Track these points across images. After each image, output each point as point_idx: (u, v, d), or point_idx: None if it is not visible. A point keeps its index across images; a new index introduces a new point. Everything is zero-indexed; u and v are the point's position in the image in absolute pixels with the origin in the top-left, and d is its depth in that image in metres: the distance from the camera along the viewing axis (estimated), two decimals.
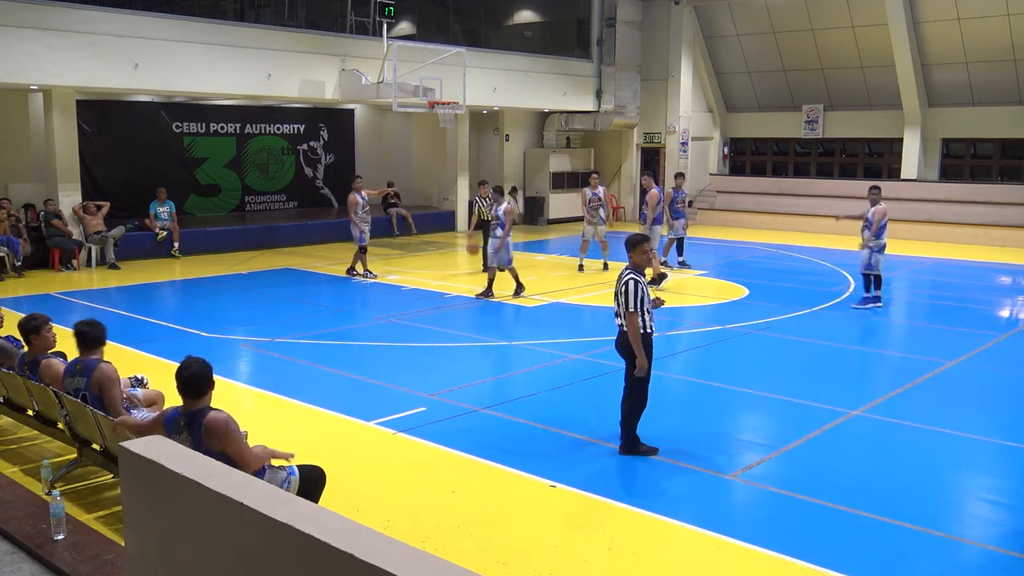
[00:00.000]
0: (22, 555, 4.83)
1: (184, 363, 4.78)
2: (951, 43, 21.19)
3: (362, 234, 14.67)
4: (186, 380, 4.71)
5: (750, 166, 26.55)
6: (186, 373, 4.72)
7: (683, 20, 24.02)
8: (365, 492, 6.09)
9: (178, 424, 4.71)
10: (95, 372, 5.77)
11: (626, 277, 6.59)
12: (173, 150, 19.88)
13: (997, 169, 22.47)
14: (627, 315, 6.54)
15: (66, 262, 15.74)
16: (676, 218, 15.74)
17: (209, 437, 4.62)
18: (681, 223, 15.79)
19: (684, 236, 15.98)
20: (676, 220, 15.74)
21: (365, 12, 18.62)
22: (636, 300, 6.51)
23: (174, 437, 4.68)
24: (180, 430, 4.68)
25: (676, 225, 15.76)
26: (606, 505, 5.89)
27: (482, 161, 24.87)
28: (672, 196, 15.75)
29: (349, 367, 9.40)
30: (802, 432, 7.35)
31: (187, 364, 4.76)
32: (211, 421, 4.66)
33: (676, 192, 15.80)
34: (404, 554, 2.36)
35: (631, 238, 6.82)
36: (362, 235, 14.67)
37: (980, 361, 9.32)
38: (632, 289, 6.51)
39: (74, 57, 14.44)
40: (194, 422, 4.67)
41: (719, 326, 11.33)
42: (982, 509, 6.05)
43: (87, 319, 6.04)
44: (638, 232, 7.84)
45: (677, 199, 15.74)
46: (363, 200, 14.76)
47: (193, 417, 4.69)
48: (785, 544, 5.28)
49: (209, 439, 4.61)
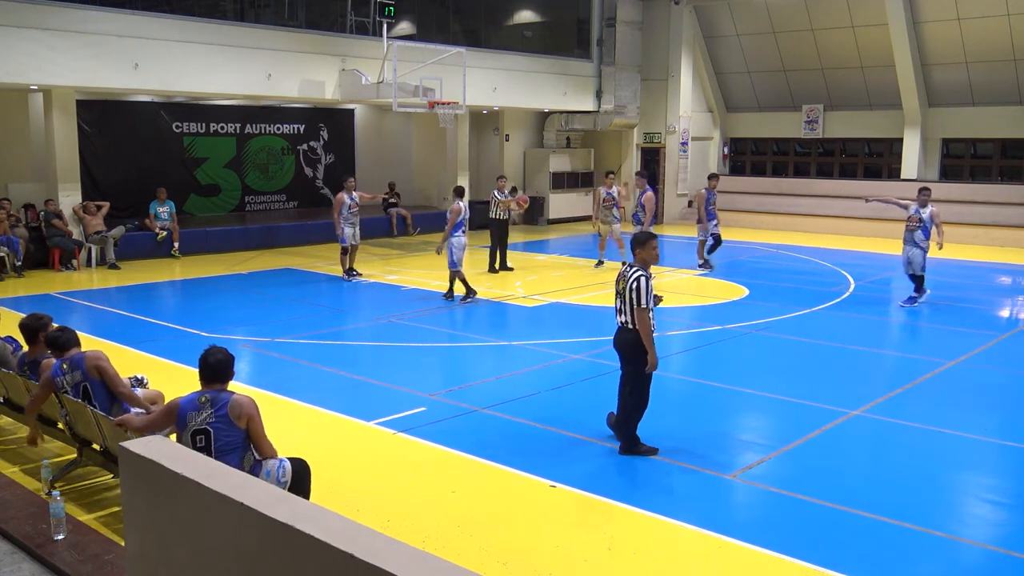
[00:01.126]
0: (22, 555, 4.83)
1: (209, 350, 5.01)
2: (951, 43, 21.19)
3: (342, 235, 14.46)
4: (212, 366, 4.95)
5: (750, 166, 26.55)
6: (212, 359, 4.97)
7: (683, 20, 24.02)
8: (365, 492, 6.10)
9: (198, 402, 4.89)
10: (86, 360, 5.85)
11: (635, 274, 6.56)
12: (173, 150, 19.88)
13: (997, 169, 22.47)
14: (638, 312, 6.51)
15: (66, 262, 15.74)
16: (710, 219, 15.48)
17: (236, 413, 4.85)
18: (714, 223, 15.54)
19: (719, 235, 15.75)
20: (710, 221, 15.48)
21: (365, 12, 18.61)
22: (648, 296, 6.51)
23: (192, 415, 4.87)
24: (202, 407, 4.87)
25: (709, 226, 15.51)
26: (606, 505, 5.89)
27: (482, 161, 24.87)
28: (706, 197, 15.47)
29: (349, 367, 9.40)
30: (802, 432, 7.35)
31: (213, 351, 5.00)
32: (239, 398, 4.92)
33: (710, 193, 15.52)
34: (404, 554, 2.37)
35: (639, 235, 6.80)
36: (343, 236, 14.47)
37: (980, 361, 9.31)
38: (644, 286, 6.50)
39: (74, 57, 14.44)
40: (218, 400, 4.88)
41: (719, 326, 11.33)
42: (982, 509, 6.05)
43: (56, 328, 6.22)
44: (646, 230, 7.85)
45: (710, 200, 15.48)
46: (351, 200, 14.48)
47: (217, 396, 4.91)
48: (785, 544, 5.28)
49: (235, 415, 4.85)
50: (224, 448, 4.84)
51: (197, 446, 4.83)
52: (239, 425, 4.87)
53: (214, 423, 4.82)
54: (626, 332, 6.68)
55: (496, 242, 15.77)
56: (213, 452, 4.81)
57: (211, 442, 4.83)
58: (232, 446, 4.87)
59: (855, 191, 23.28)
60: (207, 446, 4.83)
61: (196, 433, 4.84)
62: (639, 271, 6.59)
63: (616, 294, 6.75)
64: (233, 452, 4.87)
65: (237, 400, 4.90)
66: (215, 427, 4.83)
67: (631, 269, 6.66)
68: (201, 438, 4.84)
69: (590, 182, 25.63)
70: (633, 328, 6.58)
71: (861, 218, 22.06)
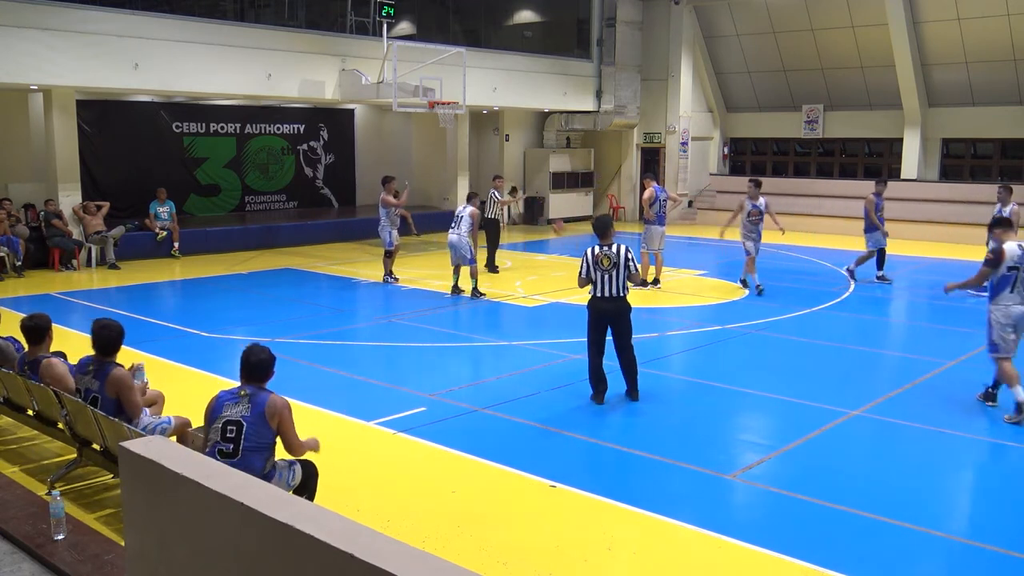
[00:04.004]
0: (22, 555, 4.83)
1: (252, 348, 5.05)
2: (951, 43, 21.19)
3: (390, 237, 14.23)
4: (254, 365, 4.98)
5: (750, 166, 26.54)
6: (254, 358, 4.98)
7: (683, 20, 24.03)
8: (365, 492, 6.10)
9: (238, 394, 4.94)
10: (111, 376, 5.71)
11: (623, 249, 7.86)
12: (173, 150, 19.88)
13: (997, 169, 22.47)
14: (634, 275, 7.95)
15: (66, 262, 15.74)
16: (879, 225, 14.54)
17: (271, 412, 4.88)
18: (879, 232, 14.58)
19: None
20: (877, 230, 14.55)
21: (365, 12, 18.62)
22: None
23: (229, 405, 4.93)
24: (241, 399, 4.92)
25: (879, 235, 14.59)
26: (606, 505, 5.89)
27: (482, 161, 24.88)
28: (875, 203, 14.59)
29: (349, 367, 9.40)
30: (802, 432, 7.35)
31: (256, 350, 5.03)
32: (275, 399, 4.95)
33: (879, 199, 14.69)
34: (404, 554, 2.37)
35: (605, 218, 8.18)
36: (391, 239, 14.24)
37: (980, 361, 9.28)
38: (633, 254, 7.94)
39: (74, 57, 14.44)
40: (257, 396, 4.92)
41: (719, 326, 11.33)
42: (982, 509, 6.05)
43: (104, 320, 5.88)
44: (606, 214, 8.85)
45: (879, 206, 14.65)
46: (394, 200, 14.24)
47: (256, 393, 4.94)
48: (785, 544, 5.28)
49: (270, 414, 4.88)
50: (252, 447, 4.85)
51: (227, 436, 4.84)
52: (271, 424, 4.90)
53: (248, 417, 4.86)
54: (620, 300, 7.90)
55: (489, 242, 15.84)
56: (241, 448, 4.82)
57: (241, 436, 4.84)
58: (260, 446, 4.88)
59: (855, 191, 23.28)
60: (236, 438, 4.83)
61: (229, 423, 4.85)
62: (621, 245, 7.92)
63: (603, 271, 7.82)
64: (258, 452, 4.88)
65: (273, 400, 4.94)
66: (248, 421, 4.85)
67: (610, 248, 7.83)
68: (232, 429, 4.84)
69: (590, 182, 25.65)
70: (626, 295, 7.92)
71: (861, 218, 22.03)
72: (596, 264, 7.86)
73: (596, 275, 7.87)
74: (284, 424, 4.95)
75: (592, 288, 7.97)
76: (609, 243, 7.89)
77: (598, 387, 8.05)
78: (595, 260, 7.86)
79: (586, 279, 7.97)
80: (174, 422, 5.94)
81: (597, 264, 7.85)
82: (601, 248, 7.88)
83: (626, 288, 7.87)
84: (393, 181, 14.48)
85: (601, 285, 7.86)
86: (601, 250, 7.86)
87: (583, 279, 7.99)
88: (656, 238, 13.96)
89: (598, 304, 7.94)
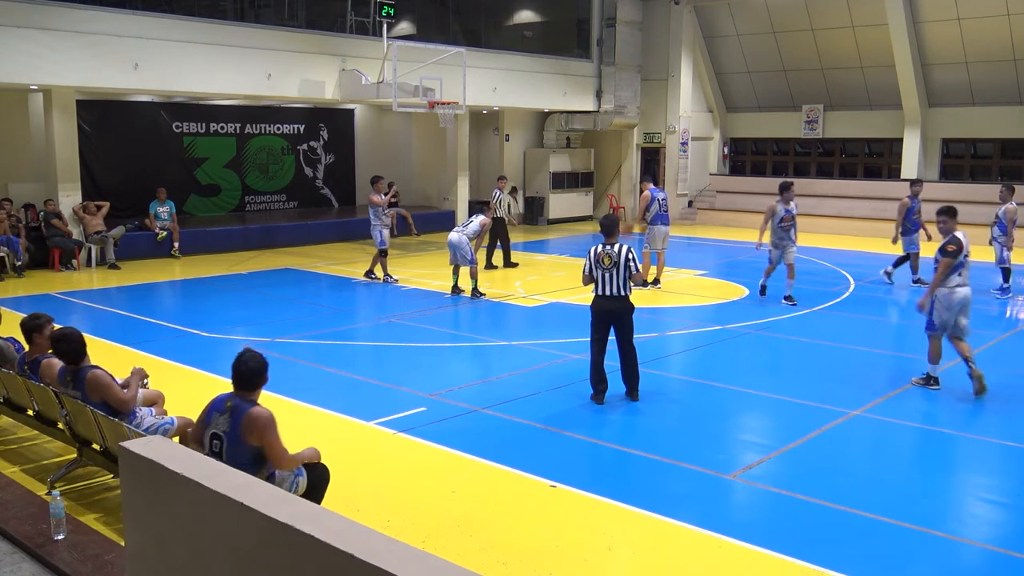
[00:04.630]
0: (22, 555, 4.83)
1: (243, 355, 4.87)
2: (951, 43, 21.18)
3: (382, 237, 14.20)
4: (242, 374, 4.83)
5: (750, 166, 26.54)
6: (243, 367, 4.82)
7: (683, 20, 24.02)
8: (365, 492, 6.09)
9: (224, 404, 4.84)
10: (88, 381, 5.69)
11: (624, 249, 7.90)
12: (173, 150, 19.88)
13: (997, 169, 22.46)
14: (637, 275, 7.96)
15: (66, 262, 15.74)
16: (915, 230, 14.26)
17: (248, 429, 4.72)
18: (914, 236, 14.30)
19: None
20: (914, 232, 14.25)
21: (365, 12, 18.61)
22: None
23: (216, 416, 4.84)
24: (225, 411, 4.82)
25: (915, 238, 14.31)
26: (606, 505, 5.89)
27: (482, 161, 24.87)
28: (911, 206, 14.20)
29: (349, 367, 9.40)
30: (802, 432, 7.35)
31: (246, 358, 4.85)
32: (254, 413, 4.76)
33: (914, 201, 14.29)
34: (404, 554, 2.36)
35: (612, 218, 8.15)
36: (383, 239, 14.22)
37: (980, 361, 9.27)
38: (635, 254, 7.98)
39: (74, 57, 14.44)
40: (238, 409, 4.77)
41: (719, 326, 11.33)
42: (982, 509, 6.05)
43: (60, 332, 5.92)
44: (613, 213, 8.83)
45: (915, 208, 14.24)
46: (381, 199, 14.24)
47: (239, 405, 4.79)
48: (785, 544, 5.28)
49: (246, 431, 4.72)
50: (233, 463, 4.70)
51: (213, 450, 4.79)
52: (249, 441, 4.71)
53: (228, 432, 4.74)
54: (621, 300, 7.94)
55: (498, 240, 16.05)
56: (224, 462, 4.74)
57: (223, 451, 4.76)
58: (239, 464, 4.47)
59: (855, 191, 23.30)
60: (220, 452, 4.75)
61: (214, 437, 4.81)
62: (623, 245, 7.95)
63: (603, 270, 7.88)
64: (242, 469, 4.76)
65: (252, 415, 4.73)
66: (227, 436, 4.75)
67: (612, 247, 7.88)
68: (217, 443, 4.79)
69: (590, 182, 25.64)
70: (627, 294, 7.94)
71: (861, 218, 22.09)
72: (597, 263, 7.97)
73: (597, 274, 7.98)
74: (265, 439, 4.73)
75: (595, 287, 8.06)
76: (613, 242, 7.97)
77: (598, 387, 8.07)
78: (597, 259, 7.98)
79: (589, 277, 8.10)
80: (177, 423, 5.94)
81: (598, 263, 7.96)
82: (603, 247, 7.97)
83: (628, 288, 7.95)
84: (381, 181, 14.55)
85: (602, 284, 7.97)
86: (603, 249, 7.96)
87: (586, 277, 8.13)
88: (659, 238, 13.97)
89: (600, 303, 8.05)
